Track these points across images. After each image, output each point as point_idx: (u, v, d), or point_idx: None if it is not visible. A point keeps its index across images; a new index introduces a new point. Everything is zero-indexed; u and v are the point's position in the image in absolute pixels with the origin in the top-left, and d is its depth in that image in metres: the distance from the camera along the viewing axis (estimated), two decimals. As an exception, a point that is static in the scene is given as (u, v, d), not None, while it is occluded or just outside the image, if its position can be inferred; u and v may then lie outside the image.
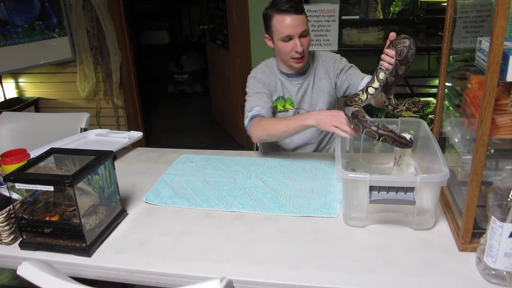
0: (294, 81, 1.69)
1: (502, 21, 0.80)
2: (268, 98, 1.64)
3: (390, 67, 1.19)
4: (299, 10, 1.52)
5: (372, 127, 1.14)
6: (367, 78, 1.60)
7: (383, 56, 1.21)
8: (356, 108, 1.20)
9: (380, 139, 1.14)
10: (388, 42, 1.20)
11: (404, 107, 1.21)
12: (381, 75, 1.22)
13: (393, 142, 1.14)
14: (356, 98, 1.25)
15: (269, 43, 1.64)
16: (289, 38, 1.54)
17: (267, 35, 1.64)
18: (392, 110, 1.22)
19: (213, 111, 4.43)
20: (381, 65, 1.23)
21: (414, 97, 1.22)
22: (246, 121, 1.59)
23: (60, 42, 3.22)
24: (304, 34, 1.54)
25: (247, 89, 1.69)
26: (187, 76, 5.24)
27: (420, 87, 2.88)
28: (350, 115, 1.20)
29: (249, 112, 1.59)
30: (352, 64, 1.69)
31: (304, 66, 1.66)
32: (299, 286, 0.97)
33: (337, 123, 1.28)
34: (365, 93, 1.25)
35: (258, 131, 1.53)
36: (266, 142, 1.86)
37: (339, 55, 1.73)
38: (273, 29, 1.57)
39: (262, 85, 1.66)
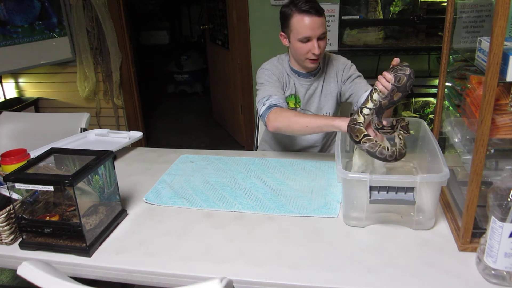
0: (304, 82, 1.68)
1: (502, 21, 0.81)
2: (282, 90, 1.62)
3: (384, 90, 1.19)
4: (319, 12, 1.49)
5: (390, 160, 1.16)
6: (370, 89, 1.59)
7: (379, 77, 1.20)
8: (368, 144, 1.16)
9: None
10: (391, 66, 1.20)
11: (398, 131, 1.19)
12: (375, 96, 1.21)
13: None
14: (358, 127, 1.20)
15: (284, 41, 1.61)
16: (307, 39, 1.51)
17: (283, 33, 1.61)
18: (388, 132, 1.20)
19: (213, 111, 4.43)
20: (376, 86, 1.22)
21: (402, 119, 1.19)
22: (263, 109, 1.52)
23: (60, 42, 3.22)
24: (322, 37, 1.52)
25: (259, 80, 1.64)
26: (187, 76, 5.24)
27: (420, 87, 2.89)
28: (368, 154, 1.19)
29: (267, 100, 1.53)
30: (360, 74, 1.68)
31: (317, 67, 1.65)
32: (299, 286, 0.97)
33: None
34: (361, 115, 1.23)
35: (277, 120, 1.46)
36: (268, 142, 1.86)
37: (349, 61, 1.71)
38: (292, 28, 1.54)
39: (277, 78, 1.63)
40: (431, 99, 2.94)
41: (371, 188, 1.09)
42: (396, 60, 1.20)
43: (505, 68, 0.86)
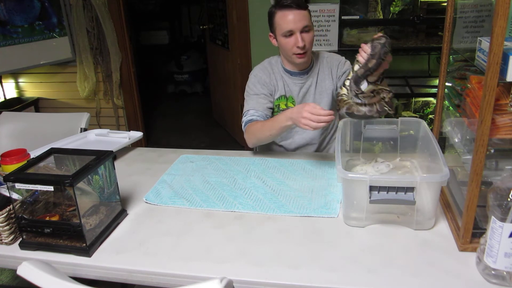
0: (297, 80, 1.69)
1: (502, 21, 0.80)
2: (265, 99, 1.65)
3: (363, 60, 1.24)
4: (300, 6, 1.52)
5: (372, 115, 1.23)
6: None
7: (360, 49, 1.26)
8: (345, 107, 1.26)
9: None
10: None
11: (382, 104, 1.24)
12: (356, 67, 1.27)
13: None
14: (340, 98, 1.30)
15: (273, 41, 1.64)
16: (290, 33, 1.54)
17: (271, 34, 1.64)
18: (368, 96, 1.25)
19: (213, 111, 4.43)
20: (356, 57, 1.27)
21: (387, 91, 1.24)
22: (243, 126, 1.63)
23: (60, 42, 3.22)
24: (306, 30, 1.54)
25: (247, 87, 1.70)
26: (187, 76, 5.24)
27: (420, 87, 2.88)
28: (349, 117, 1.28)
29: (245, 116, 1.63)
30: None
31: (307, 63, 1.66)
32: (299, 286, 0.97)
33: (305, 120, 1.30)
34: (344, 88, 1.30)
35: (250, 137, 1.60)
36: (265, 144, 1.87)
37: (343, 57, 1.73)
38: (276, 25, 1.57)
39: (261, 85, 1.67)
40: (431, 99, 2.94)
41: (371, 188, 1.09)
42: (377, 35, 1.24)
43: (505, 68, 0.86)
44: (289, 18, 1.52)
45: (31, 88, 3.55)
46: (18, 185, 1.07)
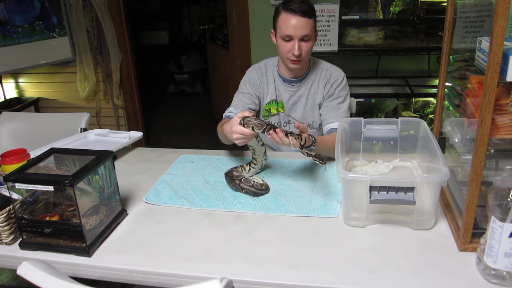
0: (288, 87, 1.68)
1: (502, 21, 0.81)
2: (249, 99, 1.67)
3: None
4: (306, 14, 1.48)
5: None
6: (336, 124, 1.57)
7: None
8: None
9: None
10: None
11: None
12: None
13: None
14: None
15: (273, 38, 1.62)
16: (289, 38, 1.52)
17: (272, 30, 1.62)
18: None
19: (213, 111, 4.43)
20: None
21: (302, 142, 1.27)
22: None
23: (60, 42, 3.22)
24: (305, 39, 1.51)
25: (240, 83, 1.73)
26: (187, 76, 5.24)
27: (420, 87, 2.88)
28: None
29: (224, 113, 1.68)
30: (344, 97, 1.65)
31: (301, 71, 1.64)
32: (299, 286, 0.97)
33: (234, 139, 1.31)
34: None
35: (218, 133, 1.61)
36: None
37: (342, 76, 1.66)
38: (277, 25, 1.55)
39: (250, 85, 1.68)
40: (431, 99, 2.94)
41: (371, 188, 1.09)
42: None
43: (505, 68, 0.86)
44: (291, 23, 1.49)
45: (31, 88, 3.55)
46: (18, 185, 1.07)
